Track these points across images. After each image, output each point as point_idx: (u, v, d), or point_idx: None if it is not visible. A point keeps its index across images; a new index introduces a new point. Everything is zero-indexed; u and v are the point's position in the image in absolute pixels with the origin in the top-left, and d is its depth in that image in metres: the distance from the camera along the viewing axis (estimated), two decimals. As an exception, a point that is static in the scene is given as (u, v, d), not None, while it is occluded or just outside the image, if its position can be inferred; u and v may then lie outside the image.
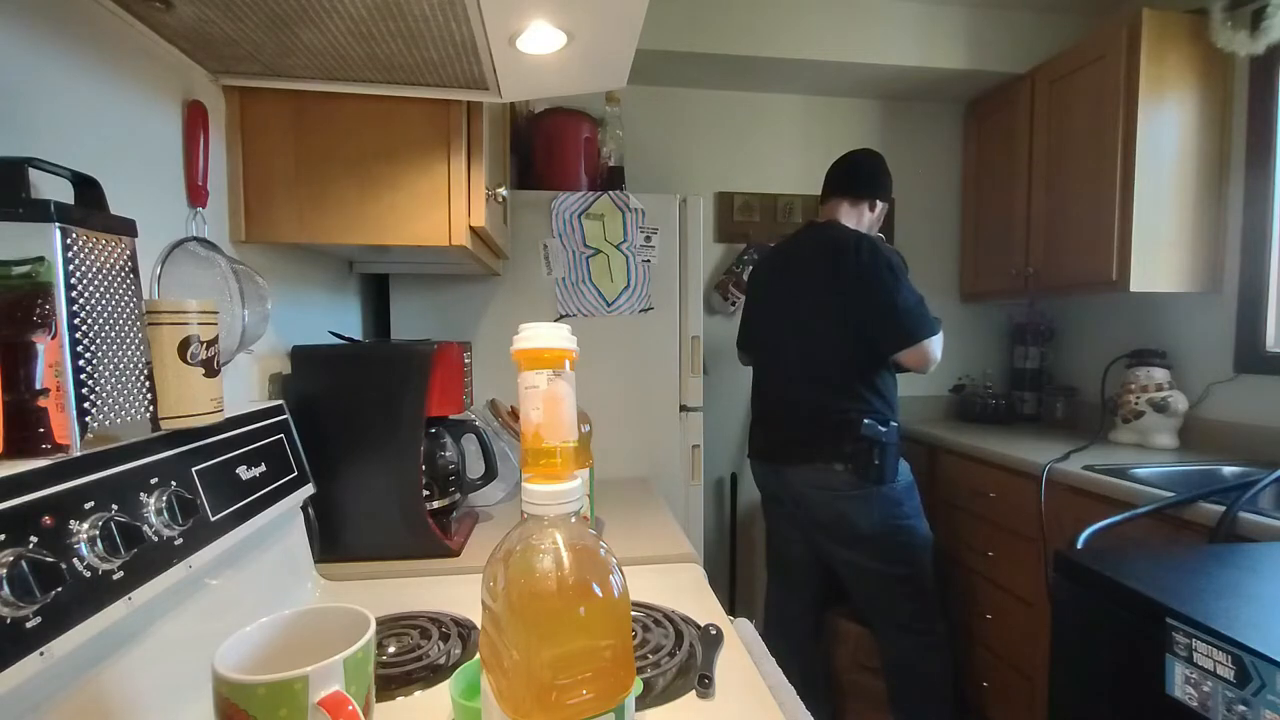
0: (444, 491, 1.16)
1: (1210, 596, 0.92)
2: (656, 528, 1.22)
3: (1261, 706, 0.76)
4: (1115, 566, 1.02)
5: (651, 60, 2.32)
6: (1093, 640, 1.04)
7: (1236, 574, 1.01)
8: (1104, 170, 2.01)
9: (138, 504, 0.59)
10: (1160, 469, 1.74)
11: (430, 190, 1.04)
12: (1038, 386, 2.59)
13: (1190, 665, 0.85)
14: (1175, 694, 0.87)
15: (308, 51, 0.86)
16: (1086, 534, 1.37)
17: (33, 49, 0.65)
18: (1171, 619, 0.88)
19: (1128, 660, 0.96)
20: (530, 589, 0.45)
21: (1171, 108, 1.96)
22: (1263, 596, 0.93)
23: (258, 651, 0.54)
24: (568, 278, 1.75)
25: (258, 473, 0.82)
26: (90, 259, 0.56)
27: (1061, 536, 1.72)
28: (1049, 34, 2.43)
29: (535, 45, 0.84)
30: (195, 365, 0.68)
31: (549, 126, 1.92)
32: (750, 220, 2.63)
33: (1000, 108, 2.51)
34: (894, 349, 1.66)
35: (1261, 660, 0.76)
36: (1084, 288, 2.15)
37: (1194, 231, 2.00)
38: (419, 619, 0.84)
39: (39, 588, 0.45)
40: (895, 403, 1.74)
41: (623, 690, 0.46)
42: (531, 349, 0.51)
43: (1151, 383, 2.01)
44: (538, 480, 0.48)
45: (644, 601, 0.89)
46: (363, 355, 1.06)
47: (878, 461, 1.62)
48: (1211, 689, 0.82)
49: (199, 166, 0.89)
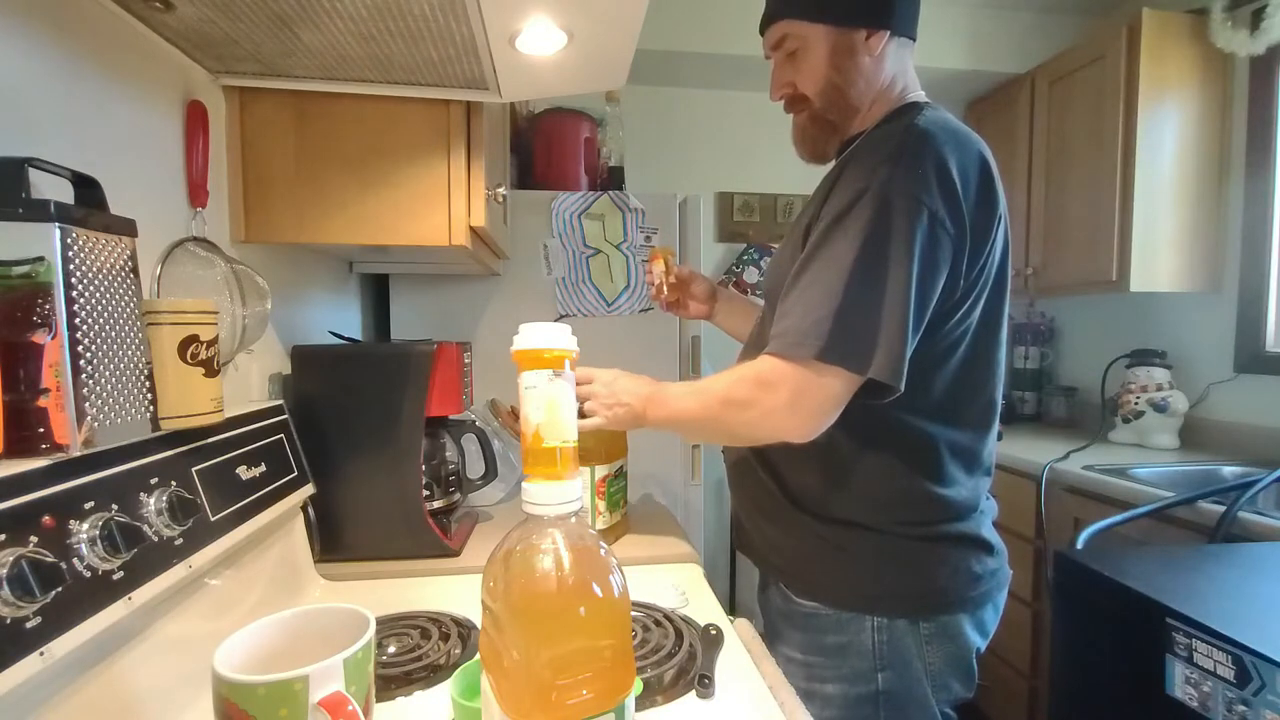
0: (444, 491, 1.16)
1: (1210, 596, 0.92)
2: (656, 528, 1.22)
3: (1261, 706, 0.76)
4: (1115, 566, 1.02)
5: (651, 60, 2.32)
6: (1093, 640, 1.04)
7: (1236, 574, 1.01)
8: (1104, 170, 2.01)
9: (138, 504, 0.59)
10: (1160, 469, 1.74)
11: (430, 190, 1.04)
12: (1038, 386, 2.59)
13: (1190, 665, 0.85)
14: (1175, 694, 0.87)
15: (308, 51, 0.86)
16: (1086, 534, 1.37)
17: (33, 49, 0.65)
18: (1171, 619, 0.88)
19: (1128, 660, 0.96)
20: (530, 589, 0.45)
21: (1171, 108, 1.96)
22: (1263, 596, 0.93)
23: (258, 651, 0.53)
24: (568, 278, 1.75)
25: (258, 473, 0.82)
26: (90, 259, 0.56)
27: (1061, 536, 1.72)
28: (1049, 34, 2.43)
29: (535, 45, 0.84)
30: (195, 365, 0.68)
31: (549, 126, 1.92)
32: (750, 220, 2.63)
33: (1000, 108, 2.51)
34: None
35: (1261, 660, 0.76)
36: (1084, 288, 2.15)
37: (1194, 231, 2.00)
38: (419, 619, 0.84)
39: (39, 588, 0.45)
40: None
41: (623, 690, 0.46)
42: (531, 349, 0.51)
43: (1151, 383, 2.01)
44: (538, 480, 0.48)
45: (644, 601, 0.89)
46: (363, 355, 1.06)
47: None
48: (1211, 689, 0.82)
49: (199, 166, 0.89)
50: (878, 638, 0.84)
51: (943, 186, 0.75)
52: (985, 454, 0.88)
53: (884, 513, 0.84)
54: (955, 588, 0.84)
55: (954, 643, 0.85)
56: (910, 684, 0.85)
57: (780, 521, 0.91)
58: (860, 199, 0.75)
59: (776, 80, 0.92)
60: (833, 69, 0.86)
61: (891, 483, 0.83)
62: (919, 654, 0.84)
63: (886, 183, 0.74)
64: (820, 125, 0.91)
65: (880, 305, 0.73)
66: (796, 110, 0.92)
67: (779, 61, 0.91)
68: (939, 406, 0.83)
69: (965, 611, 0.85)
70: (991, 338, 0.85)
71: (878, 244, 0.74)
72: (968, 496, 0.85)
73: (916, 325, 0.75)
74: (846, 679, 0.86)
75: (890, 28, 0.85)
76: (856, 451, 0.84)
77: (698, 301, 1.21)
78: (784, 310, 0.79)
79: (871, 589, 0.85)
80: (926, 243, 0.74)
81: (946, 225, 0.75)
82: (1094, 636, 1.04)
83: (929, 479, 0.83)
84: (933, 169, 0.75)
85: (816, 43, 0.86)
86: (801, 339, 0.74)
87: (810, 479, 0.87)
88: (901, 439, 0.83)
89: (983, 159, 0.79)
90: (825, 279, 0.75)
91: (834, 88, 0.87)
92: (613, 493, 1.12)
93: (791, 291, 0.79)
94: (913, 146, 0.77)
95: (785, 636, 0.91)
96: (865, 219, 0.74)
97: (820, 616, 0.87)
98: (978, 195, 0.77)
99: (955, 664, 0.86)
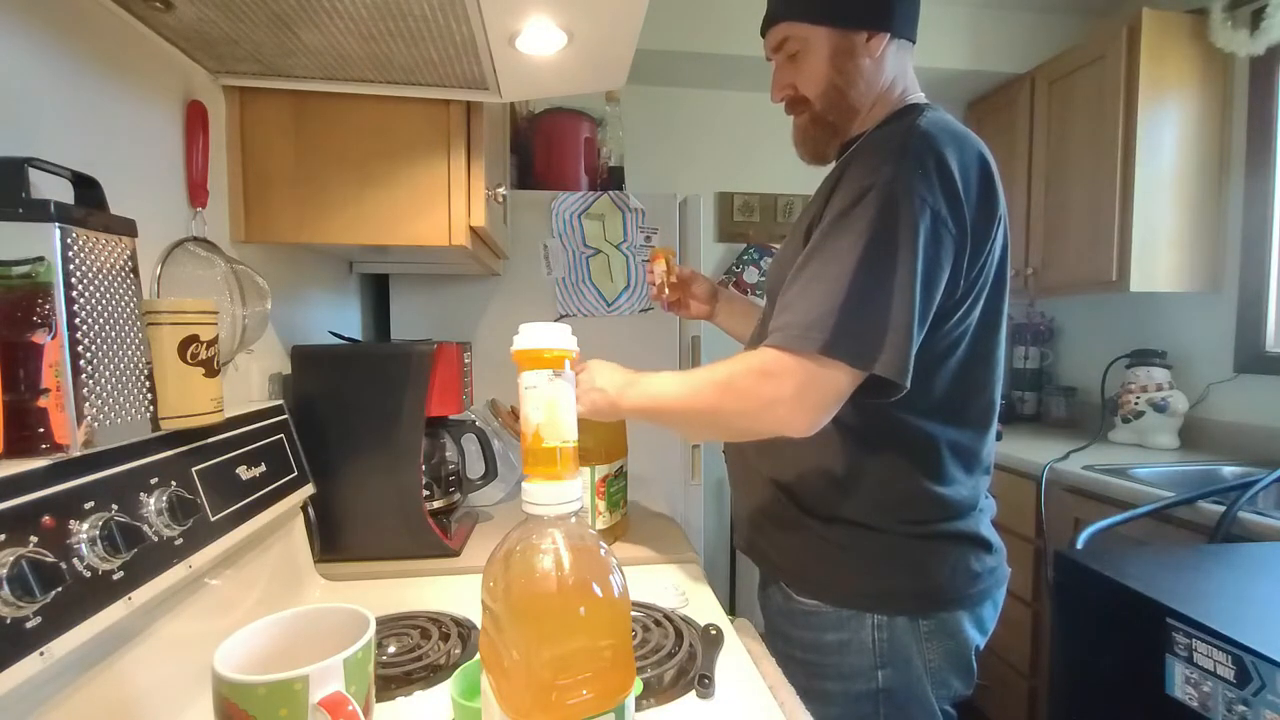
0: (444, 491, 1.16)
1: (1210, 596, 0.92)
2: (656, 527, 1.22)
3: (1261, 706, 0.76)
4: (1115, 566, 1.02)
5: (651, 60, 2.32)
6: (1093, 640, 1.04)
7: (1236, 574, 1.02)
8: (1104, 170, 2.01)
9: (138, 504, 0.59)
10: (1160, 469, 1.74)
11: (430, 190, 1.04)
12: (1037, 386, 2.59)
13: (1190, 665, 0.85)
14: (1175, 694, 0.87)
15: (308, 51, 0.86)
16: (1086, 534, 1.37)
17: (33, 49, 0.65)
18: (1171, 619, 0.88)
19: (1128, 660, 0.96)
20: (530, 589, 0.45)
21: (1171, 108, 1.96)
22: (1263, 596, 0.93)
23: (258, 651, 0.53)
24: (568, 278, 1.75)
25: (258, 473, 0.82)
26: (90, 259, 0.56)
27: (1061, 536, 1.72)
28: (1049, 34, 2.43)
29: (535, 45, 0.84)
30: (195, 365, 0.68)
31: (549, 126, 1.92)
32: (750, 220, 2.63)
33: (1000, 108, 2.51)
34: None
35: (1261, 660, 0.76)
36: (1084, 288, 2.15)
37: (1194, 231, 2.00)
38: (419, 619, 0.84)
39: (39, 588, 0.45)
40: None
41: (623, 690, 0.46)
42: (531, 349, 0.51)
43: (1151, 383, 2.01)
44: (538, 480, 0.48)
45: (644, 601, 0.89)
46: (363, 355, 1.06)
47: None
48: (1211, 689, 0.82)
49: (199, 166, 0.89)
50: (878, 635, 0.84)
51: (945, 186, 0.75)
52: (985, 453, 0.88)
53: (885, 512, 0.84)
54: (954, 585, 0.84)
55: (953, 640, 0.85)
56: (910, 681, 0.85)
57: (781, 521, 0.91)
58: (864, 196, 0.75)
59: (778, 82, 0.93)
60: (834, 71, 0.87)
61: (893, 483, 0.84)
62: (919, 651, 0.84)
63: (891, 181, 0.74)
64: (821, 127, 0.91)
65: (887, 302, 0.73)
66: (797, 112, 0.93)
67: (780, 63, 0.92)
68: (940, 406, 0.83)
69: (964, 609, 0.85)
70: (991, 337, 0.85)
71: (882, 241, 0.73)
72: (967, 496, 0.86)
73: (921, 323, 0.75)
74: (846, 676, 0.86)
75: (891, 30, 0.85)
76: (858, 451, 0.84)
77: (699, 301, 1.21)
78: (785, 303, 0.78)
79: (871, 587, 0.85)
80: (930, 241, 0.74)
81: (949, 224, 0.75)
82: (1094, 636, 1.04)
83: (929, 478, 0.83)
84: (935, 169, 0.75)
85: (818, 45, 0.86)
86: (805, 332, 0.73)
87: (811, 479, 0.87)
88: (902, 439, 0.83)
89: (983, 160, 0.80)
90: (830, 274, 0.75)
91: (835, 89, 0.87)
92: (613, 493, 1.12)
93: (793, 285, 0.78)
94: (915, 146, 0.77)
95: (785, 635, 0.91)
96: (869, 216, 0.74)
97: (820, 614, 0.87)
98: (978, 196, 0.78)
99: (955, 661, 0.86)
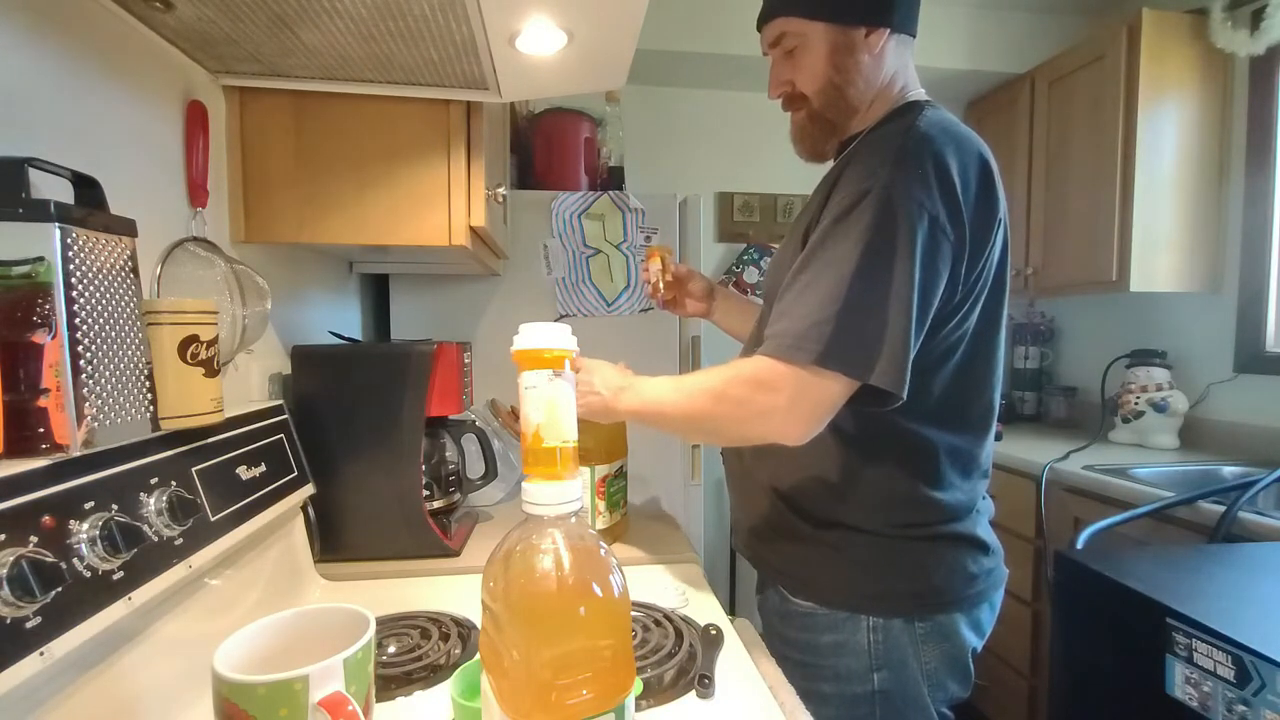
0: (444, 491, 1.16)
1: (1210, 596, 0.92)
2: (656, 528, 1.22)
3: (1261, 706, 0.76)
4: (1115, 566, 1.02)
5: (651, 60, 2.32)
6: (1093, 640, 1.04)
7: (1236, 574, 1.02)
8: (1104, 170, 2.01)
9: (138, 504, 0.59)
10: (1160, 469, 1.74)
11: (430, 190, 1.04)
12: (1037, 386, 2.59)
13: (1190, 665, 0.85)
14: (1175, 694, 0.87)
15: (308, 51, 0.86)
16: (1086, 534, 1.37)
17: (33, 49, 0.65)
18: (1171, 619, 0.88)
19: (1127, 660, 0.96)
20: (530, 589, 0.45)
21: (1171, 108, 1.96)
22: (1263, 596, 0.93)
23: (258, 651, 0.53)
24: (568, 278, 1.75)
25: (258, 473, 0.82)
26: (90, 259, 0.56)
27: (1061, 536, 1.72)
28: (1049, 34, 2.43)
29: (535, 45, 0.84)
30: (195, 365, 0.68)
31: (549, 126, 1.92)
32: (750, 220, 2.63)
33: (1000, 108, 2.51)
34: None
35: (1261, 660, 0.76)
36: (1084, 288, 2.15)
37: (1194, 231, 2.00)
38: (419, 619, 0.84)
39: (39, 588, 0.45)
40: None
41: (623, 690, 0.46)
42: (531, 349, 0.51)
43: (1151, 383, 2.01)
44: (538, 480, 0.48)
45: (644, 601, 0.89)
46: (363, 355, 1.06)
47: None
48: (1211, 689, 0.82)
49: (199, 166, 0.89)
50: (873, 637, 0.84)
51: (943, 190, 0.74)
52: (983, 457, 0.88)
53: (882, 516, 0.84)
54: (951, 587, 0.84)
55: (949, 642, 0.85)
56: (906, 684, 0.84)
57: (778, 525, 0.91)
58: (861, 201, 0.74)
59: (775, 78, 0.91)
60: (832, 67, 0.85)
61: (890, 488, 0.83)
62: (915, 654, 0.84)
63: (888, 185, 0.73)
64: (819, 124, 0.90)
65: (883, 311, 0.72)
66: (795, 108, 0.92)
67: (777, 59, 0.90)
68: (937, 411, 0.82)
69: (960, 611, 0.85)
70: (990, 340, 0.85)
71: (879, 248, 0.72)
72: (964, 500, 0.85)
73: (918, 332, 0.74)
74: (842, 678, 0.86)
75: (890, 25, 0.84)
76: (855, 457, 0.84)
77: (695, 300, 1.20)
78: (781, 310, 0.77)
79: (867, 589, 0.84)
80: (928, 247, 0.73)
81: (947, 230, 0.74)
82: (1094, 636, 1.04)
83: (927, 484, 0.83)
84: (933, 172, 0.74)
85: (815, 40, 0.85)
86: (799, 342, 0.73)
87: (808, 485, 0.87)
88: (900, 444, 0.83)
89: (983, 161, 0.79)
90: (825, 281, 0.74)
91: (833, 86, 0.86)
92: (613, 493, 1.12)
93: (789, 292, 0.77)
94: (914, 149, 0.76)
95: (782, 636, 0.91)
96: (866, 222, 0.73)
97: (815, 616, 0.87)
98: (978, 198, 0.77)
99: (951, 664, 0.86)
